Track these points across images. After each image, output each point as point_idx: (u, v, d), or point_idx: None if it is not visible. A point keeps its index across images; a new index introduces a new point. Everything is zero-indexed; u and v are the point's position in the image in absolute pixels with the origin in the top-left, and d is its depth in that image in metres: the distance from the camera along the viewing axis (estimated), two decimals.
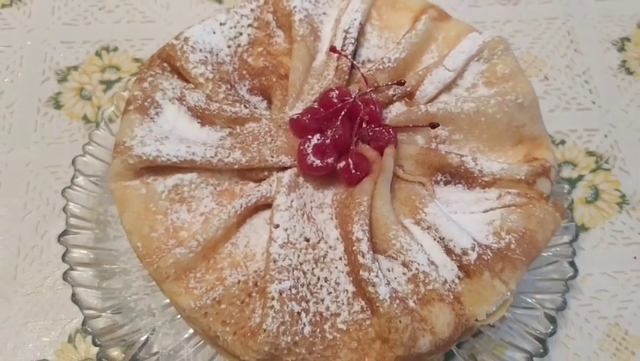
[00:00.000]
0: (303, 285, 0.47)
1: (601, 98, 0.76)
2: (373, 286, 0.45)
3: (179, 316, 0.58)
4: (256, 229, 0.50)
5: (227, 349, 0.46)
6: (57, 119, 0.70)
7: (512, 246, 0.48)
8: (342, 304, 0.47)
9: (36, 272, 0.62)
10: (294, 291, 0.46)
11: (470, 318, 0.46)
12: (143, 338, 0.56)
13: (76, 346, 0.58)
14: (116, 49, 0.75)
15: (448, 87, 0.57)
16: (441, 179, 0.52)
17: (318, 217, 0.50)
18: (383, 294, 0.45)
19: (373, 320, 0.46)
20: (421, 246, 0.48)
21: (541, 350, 0.55)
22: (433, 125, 0.49)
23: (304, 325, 0.45)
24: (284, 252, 0.47)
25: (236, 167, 0.51)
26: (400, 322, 0.44)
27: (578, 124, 0.73)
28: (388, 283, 0.46)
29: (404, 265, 0.47)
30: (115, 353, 0.55)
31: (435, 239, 0.48)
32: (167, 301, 0.59)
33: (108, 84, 0.73)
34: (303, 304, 0.46)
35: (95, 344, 0.54)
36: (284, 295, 0.45)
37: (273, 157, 0.51)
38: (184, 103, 0.54)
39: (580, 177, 0.70)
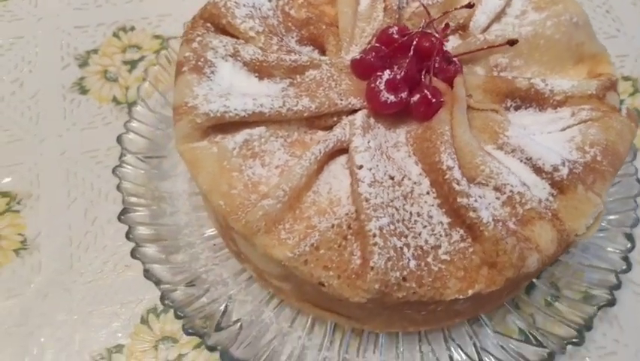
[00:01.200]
0: (398, 221, 0.45)
1: (624, 26, 0.76)
2: (474, 211, 0.44)
3: (254, 283, 0.56)
4: (335, 175, 0.48)
5: (333, 294, 0.44)
6: (85, 104, 0.68)
7: (598, 158, 0.48)
8: (440, 236, 0.46)
9: (93, 259, 0.59)
10: (392, 227, 0.44)
11: (571, 233, 0.46)
12: (222, 308, 0.54)
13: (150, 326, 0.56)
14: (132, 28, 0.73)
15: (497, 17, 0.56)
16: (511, 105, 0.51)
17: (395, 156, 0.49)
18: (486, 217, 0.44)
19: (476, 246, 0.45)
20: (509, 169, 0.47)
21: (624, 267, 0.55)
22: (512, 43, 0.48)
23: (409, 259, 0.44)
24: (373, 190, 0.45)
25: (305, 114, 0.49)
26: (507, 243, 0.43)
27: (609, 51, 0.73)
28: (487, 208, 0.45)
29: (496, 189, 0.46)
30: (198, 324, 0.52)
31: (521, 161, 0.48)
32: (239, 268, 0.57)
33: (132, 64, 0.70)
34: (403, 239, 0.45)
35: (177, 316, 0.52)
36: (384, 231, 0.44)
37: (342, 100, 0.50)
38: (239, 59, 0.52)
39: (620, 102, 0.70)
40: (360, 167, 0.46)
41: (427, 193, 0.47)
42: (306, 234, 0.46)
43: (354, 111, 0.50)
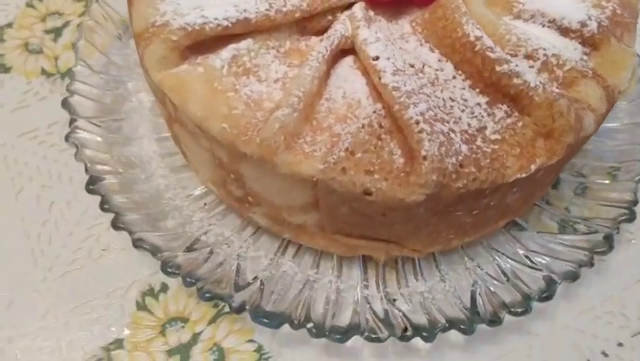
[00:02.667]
0: (434, 107, 0.39)
1: None
2: (518, 76, 0.39)
3: (262, 235, 0.48)
4: (345, 78, 0.42)
5: (383, 200, 0.37)
6: (10, 82, 0.57)
7: (618, 11, 0.44)
8: (482, 117, 0.40)
9: (60, 249, 0.48)
10: (431, 113, 0.38)
11: (615, 89, 0.42)
12: (234, 268, 0.46)
13: (150, 310, 0.46)
14: None
15: None
16: None
17: (406, 47, 0.43)
18: (533, 81, 0.39)
19: (525, 119, 0.40)
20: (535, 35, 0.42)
21: None
22: None
23: (459, 144, 0.38)
24: (399, 78, 0.39)
25: (297, 15, 0.42)
26: (561, 105, 0.39)
27: None
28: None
29: (528, 57, 0.41)
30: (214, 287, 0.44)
31: (544, 25, 0.43)
32: (241, 223, 0.49)
33: (56, 32, 0.60)
34: (446, 125, 0.39)
35: (187, 284, 0.43)
36: (426, 116, 0.37)
37: None
38: None
39: None
40: (376, 58, 0.40)
41: (454, 78, 0.41)
42: (332, 143, 0.39)
43: (349, 6, 0.44)
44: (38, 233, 0.49)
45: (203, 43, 0.41)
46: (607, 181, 0.52)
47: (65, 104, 0.50)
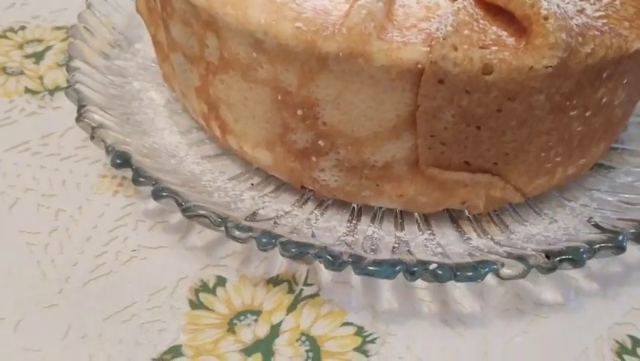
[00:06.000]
0: None
1: None
2: None
3: (327, 208, 0.40)
4: None
5: (507, 72, 0.31)
6: None
7: None
8: (575, 2, 0.36)
9: (78, 255, 0.38)
10: None
11: None
12: (309, 235, 0.37)
13: (209, 307, 0.36)
14: (23, 27, 0.56)
15: None
16: None
17: None
18: None
19: None
20: None
21: None
22: None
23: (570, 15, 0.33)
24: None
25: None
26: None
27: None
28: None
29: None
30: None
31: None
32: (297, 198, 0.41)
33: (37, 55, 0.53)
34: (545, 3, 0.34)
35: (263, 246, 0.33)
36: None
37: None
38: None
39: None
40: None
41: None
42: (427, 34, 0.33)
43: None
44: (45, 243, 0.38)
45: None
46: None
47: (70, 92, 0.42)
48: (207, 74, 0.39)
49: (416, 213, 0.40)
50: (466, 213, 0.40)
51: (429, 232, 0.39)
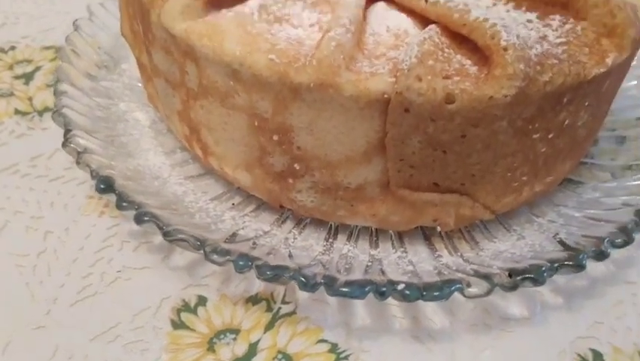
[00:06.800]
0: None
1: None
2: None
3: (305, 227, 0.42)
4: (384, 17, 0.38)
5: (468, 103, 0.33)
6: None
7: None
8: (539, 29, 0.37)
9: (65, 277, 0.39)
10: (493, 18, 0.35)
11: None
12: (286, 255, 0.38)
13: (191, 327, 0.37)
14: (13, 48, 0.58)
15: None
16: None
17: None
18: None
19: (582, 23, 0.38)
20: None
21: None
22: None
23: (531, 44, 0.35)
24: None
25: None
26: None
27: None
28: None
29: None
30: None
31: None
32: (276, 217, 0.42)
33: (27, 76, 0.54)
34: (508, 29, 0.36)
35: (242, 268, 0.35)
36: (490, 17, 0.35)
37: None
38: None
39: None
40: None
41: (494, 5, 0.39)
42: (394, 63, 0.35)
43: None
44: (34, 265, 0.40)
45: None
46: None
47: (57, 116, 0.43)
48: (188, 99, 0.40)
49: (390, 231, 0.42)
50: (438, 230, 0.42)
51: (402, 249, 0.41)
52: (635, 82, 0.54)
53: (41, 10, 0.62)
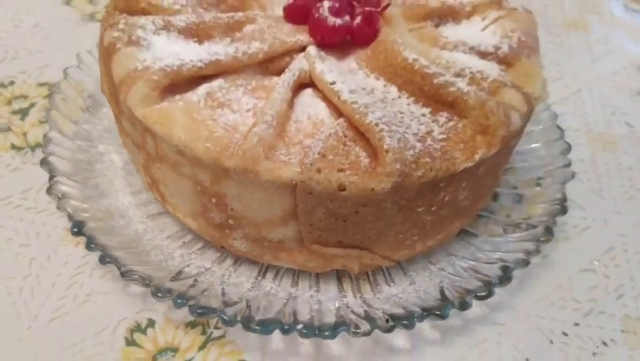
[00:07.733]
0: (388, 116, 0.46)
1: None
2: (453, 85, 0.46)
3: (241, 265, 0.52)
4: (309, 104, 0.48)
5: (355, 192, 0.42)
6: None
7: (522, 38, 0.53)
8: (428, 123, 0.46)
9: (45, 298, 0.49)
10: (386, 119, 0.45)
11: (531, 95, 0.50)
12: (219, 290, 0.49)
13: (140, 344, 0.47)
14: (12, 82, 0.67)
15: None
16: (431, 25, 0.56)
17: (355, 78, 0.50)
18: (465, 88, 0.46)
19: (463, 121, 0.47)
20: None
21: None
22: None
23: (414, 142, 0.44)
24: (356, 95, 0.46)
25: (260, 56, 0.48)
26: (491, 104, 0.46)
27: None
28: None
29: (457, 75, 0.49)
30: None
31: (466, 52, 0.52)
32: (218, 255, 0.52)
33: (23, 112, 0.64)
34: (400, 129, 0.45)
35: (178, 305, 0.45)
36: (383, 120, 0.44)
37: (290, 38, 0.50)
38: (172, 29, 0.50)
39: None
40: (334, 83, 0.47)
41: (399, 97, 0.49)
42: (305, 152, 0.44)
43: (303, 49, 0.51)
44: (20, 287, 0.50)
45: (180, 84, 0.47)
46: (537, 188, 0.59)
47: (44, 163, 0.53)
48: (149, 159, 0.50)
49: (310, 272, 0.52)
50: (349, 273, 0.52)
51: (315, 288, 0.51)
52: (541, 144, 0.63)
53: (38, 45, 0.71)
